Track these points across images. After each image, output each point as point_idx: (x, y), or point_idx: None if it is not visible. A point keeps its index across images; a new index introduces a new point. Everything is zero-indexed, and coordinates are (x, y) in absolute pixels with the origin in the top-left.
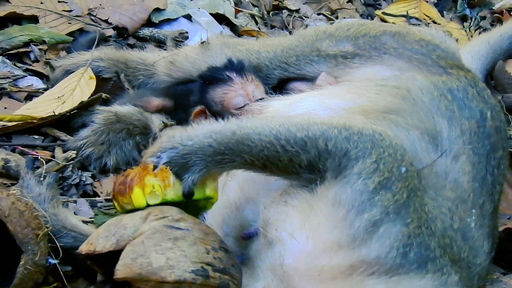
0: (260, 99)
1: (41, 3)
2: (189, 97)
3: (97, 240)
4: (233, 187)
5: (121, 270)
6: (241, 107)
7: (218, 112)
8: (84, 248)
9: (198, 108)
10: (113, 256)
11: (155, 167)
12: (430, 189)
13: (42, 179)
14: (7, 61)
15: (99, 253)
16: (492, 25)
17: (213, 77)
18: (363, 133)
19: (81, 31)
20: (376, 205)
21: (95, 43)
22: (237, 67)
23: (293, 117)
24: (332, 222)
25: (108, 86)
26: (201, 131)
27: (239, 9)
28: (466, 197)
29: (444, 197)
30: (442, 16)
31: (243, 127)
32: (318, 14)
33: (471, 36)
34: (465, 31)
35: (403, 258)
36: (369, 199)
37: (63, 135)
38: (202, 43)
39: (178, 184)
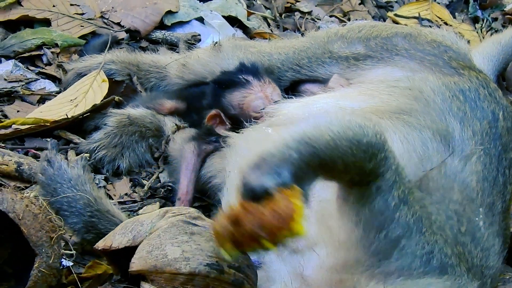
0: (276, 101)
1: (54, 6)
2: (201, 99)
3: (114, 237)
4: None
5: (137, 262)
6: (261, 110)
7: (235, 116)
8: (100, 244)
9: (213, 112)
10: (129, 253)
11: (279, 186)
12: (436, 192)
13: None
14: (20, 64)
15: (115, 249)
16: (503, 26)
17: (230, 81)
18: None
19: (93, 34)
20: (397, 221)
21: (108, 46)
22: (253, 70)
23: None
24: (353, 240)
25: (121, 89)
26: (293, 138)
27: (252, 11)
28: (474, 197)
29: (450, 199)
30: (454, 17)
31: (331, 130)
32: (330, 16)
33: (483, 38)
34: (477, 32)
35: (426, 266)
36: (389, 215)
37: (76, 138)
38: (214, 44)
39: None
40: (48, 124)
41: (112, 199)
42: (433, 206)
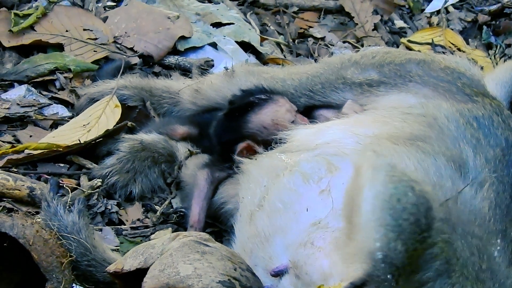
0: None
1: (67, 31)
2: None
3: (125, 260)
4: (261, 217)
5: (149, 282)
6: (292, 122)
7: (263, 139)
8: (112, 267)
9: (242, 145)
10: (141, 276)
11: None
12: (457, 225)
13: (68, 207)
14: (33, 89)
15: (127, 272)
16: None
17: (254, 102)
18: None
19: (106, 59)
20: (432, 267)
21: (121, 71)
22: (269, 90)
23: None
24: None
25: (134, 114)
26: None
27: (265, 37)
28: (490, 228)
29: (472, 234)
30: (467, 43)
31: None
32: (344, 42)
33: (496, 64)
34: (490, 58)
35: None
36: (427, 265)
37: (88, 163)
38: (225, 69)
39: None
40: (61, 149)
41: (125, 224)
42: (459, 242)
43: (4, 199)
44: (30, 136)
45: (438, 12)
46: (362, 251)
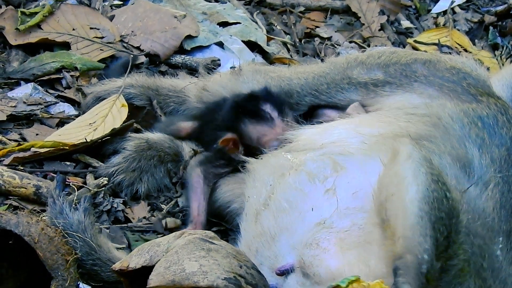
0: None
1: (73, 29)
2: (217, 113)
3: (131, 258)
4: (267, 216)
5: (155, 279)
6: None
7: (249, 144)
8: (117, 265)
9: (229, 135)
10: (147, 274)
11: None
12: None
13: (74, 205)
14: (39, 87)
15: (133, 270)
16: None
17: (255, 112)
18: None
19: (113, 57)
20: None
21: (128, 70)
22: (278, 103)
23: None
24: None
25: (142, 115)
26: None
27: (271, 36)
28: (493, 226)
29: (475, 233)
30: (474, 44)
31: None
32: (350, 42)
33: (502, 65)
34: (496, 59)
35: None
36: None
37: (94, 162)
38: (232, 68)
39: None
40: (67, 147)
41: (131, 223)
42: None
43: (10, 197)
44: (37, 134)
45: (444, 12)
46: (410, 258)
